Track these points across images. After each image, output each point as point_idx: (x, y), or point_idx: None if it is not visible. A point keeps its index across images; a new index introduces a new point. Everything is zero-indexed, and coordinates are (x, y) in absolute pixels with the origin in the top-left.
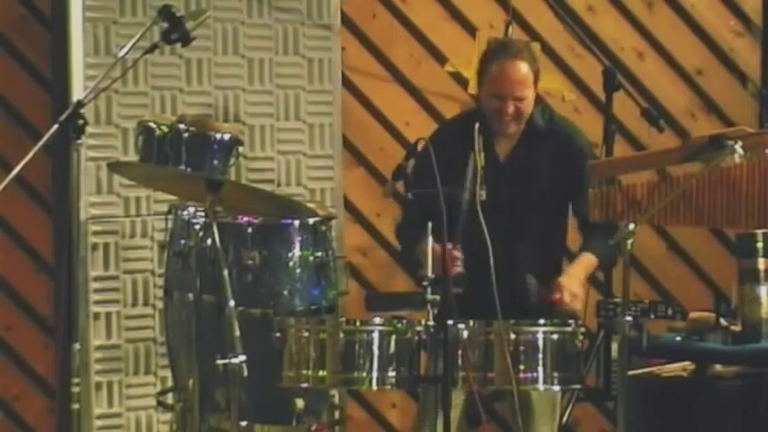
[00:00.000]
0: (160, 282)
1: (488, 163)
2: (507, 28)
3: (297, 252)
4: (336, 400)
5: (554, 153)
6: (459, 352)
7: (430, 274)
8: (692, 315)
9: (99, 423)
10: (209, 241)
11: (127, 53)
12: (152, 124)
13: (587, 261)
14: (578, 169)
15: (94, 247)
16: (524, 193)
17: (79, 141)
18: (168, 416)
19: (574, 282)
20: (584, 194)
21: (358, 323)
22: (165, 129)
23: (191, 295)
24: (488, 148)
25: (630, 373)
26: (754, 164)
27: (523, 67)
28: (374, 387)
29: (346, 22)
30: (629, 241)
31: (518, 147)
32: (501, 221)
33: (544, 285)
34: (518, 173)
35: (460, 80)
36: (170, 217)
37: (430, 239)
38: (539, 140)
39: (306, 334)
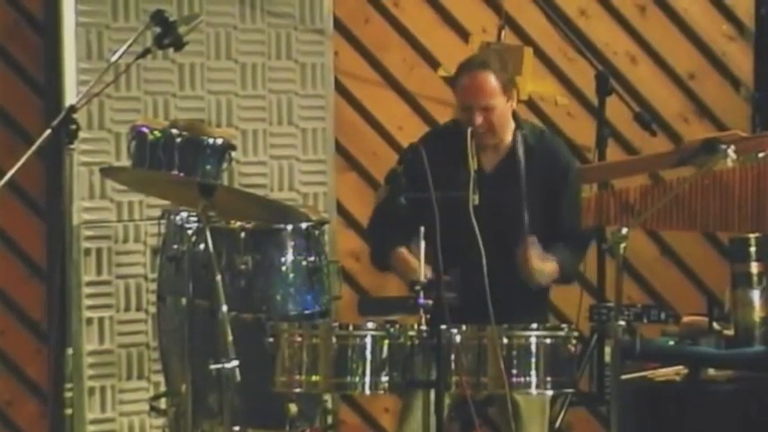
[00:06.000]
0: (153, 287)
1: (468, 171)
2: (500, 32)
3: (290, 257)
4: (329, 404)
5: (540, 168)
6: (453, 356)
7: (421, 278)
8: (686, 319)
9: (92, 428)
10: (201, 246)
11: (119, 58)
12: (145, 129)
13: (551, 262)
14: (560, 186)
15: (87, 251)
16: (507, 206)
17: (72, 146)
18: (161, 421)
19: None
20: (562, 211)
21: (351, 328)
22: (157, 134)
23: (184, 300)
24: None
25: (623, 377)
26: (746, 168)
27: (487, 77)
28: (367, 392)
29: (339, 26)
30: (623, 246)
31: (505, 161)
32: (484, 231)
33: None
34: (502, 185)
35: None
36: (163, 222)
37: (422, 244)
38: (526, 156)
39: (299, 339)
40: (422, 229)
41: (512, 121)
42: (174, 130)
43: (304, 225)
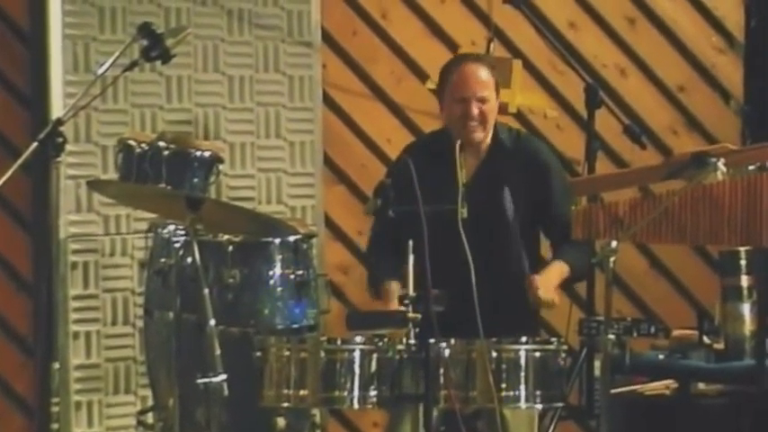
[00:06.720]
0: (140, 300)
1: (454, 182)
2: (489, 45)
3: (278, 270)
4: (318, 419)
5: (520, 170)
6: (441, 370)
7: (411, 292)
8: (675, 333)
9: None
10: (189, 259)
11: (106, 70)
12: (132, 142)
13: (558, 268)
14: (546, 185)
15: (74, 265)
16: (490, 211)
17: (58, 159)
18: None
19: (544, 281)
20: (555, 208)
21: (339, 342)
22: (144, 146)
23: (171, 314)
24: (454, 167)
25: (613, 391)
26: (736, 181)
27: (482, 68)
28: (355, 406)
29: (327, 39)
30: (612, 259)
31: (484, 165)
32: (471, 240)
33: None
34: (484, 192)
35: None
36: (150, 235)
37: (411, 258)
38: (504, 158)
39: (287, 353)
40: (410, 242)
41: None
42: (162, 143)
43: (292, 238)
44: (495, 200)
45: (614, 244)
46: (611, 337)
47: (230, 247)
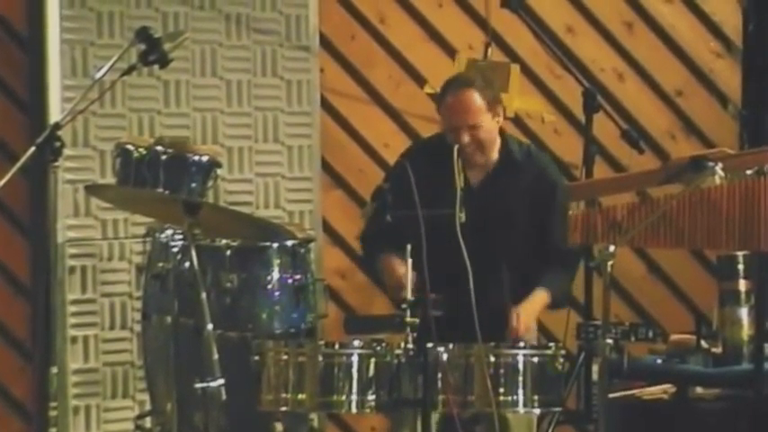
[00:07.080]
0: (138, 305)
1: (454, 186)
2: (486, 49)
3: (275, 275)
4: (316, 423)
5: (526, 185)
6: (439, 375)
7: (409, 296)
8: (673, 337)
9: None
10: (187, 264)
11: (104, 75)
12: (130, 146)
13: (540, 297)
14: (549, 205)
15: (72, 269)
16: (494, 221)
17: (56, 164)
18: None
19: (529, 314)
20: (550, 229)
21: (337, 346)
22: (142, 151)
23: (169, 318)
24: (454, 171)
25: (611, 395)
26: (734, 185)
27: (472, 96)
28: (353, 410)
29: (325, 43)
30: (610, 263)
31: (491, 176)
32: (471, 247)
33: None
34: (489, 201)
35: None
36: (148, 239)
37: (409, 262)
38: (513, 172)
39: (285, 357)
40: (408, 246)
41: (498, 137)
42: (160, 148)
43: (290, 243)
44: (502, 209)
45: (612, 248)
46: (609, 341)
47: (228, 252)
